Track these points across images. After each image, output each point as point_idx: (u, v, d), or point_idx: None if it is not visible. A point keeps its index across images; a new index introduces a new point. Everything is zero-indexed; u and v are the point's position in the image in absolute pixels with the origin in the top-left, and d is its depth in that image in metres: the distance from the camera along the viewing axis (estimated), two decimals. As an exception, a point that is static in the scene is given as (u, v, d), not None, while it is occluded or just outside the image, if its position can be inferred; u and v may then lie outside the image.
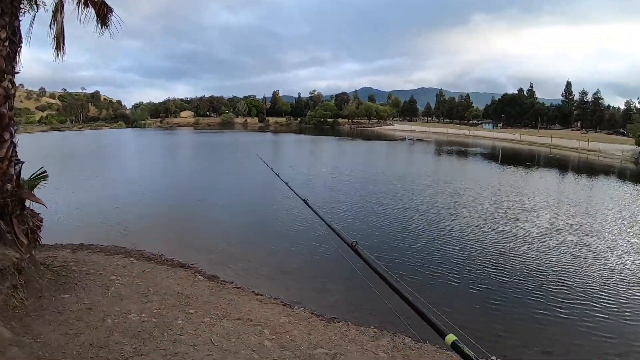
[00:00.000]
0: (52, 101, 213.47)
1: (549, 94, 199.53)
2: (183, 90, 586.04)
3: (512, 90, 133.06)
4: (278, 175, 6.20)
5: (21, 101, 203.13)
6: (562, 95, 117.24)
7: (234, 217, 14.97)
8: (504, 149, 54.64)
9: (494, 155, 44.57)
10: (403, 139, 70.70)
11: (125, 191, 19.75)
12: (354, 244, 2.28)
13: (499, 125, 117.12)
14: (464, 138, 79.00)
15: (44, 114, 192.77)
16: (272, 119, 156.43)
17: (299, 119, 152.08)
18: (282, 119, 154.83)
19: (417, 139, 69.85)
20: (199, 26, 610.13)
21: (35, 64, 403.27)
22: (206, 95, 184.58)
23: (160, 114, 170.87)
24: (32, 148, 37.88)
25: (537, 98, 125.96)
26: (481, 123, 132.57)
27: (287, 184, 5.18)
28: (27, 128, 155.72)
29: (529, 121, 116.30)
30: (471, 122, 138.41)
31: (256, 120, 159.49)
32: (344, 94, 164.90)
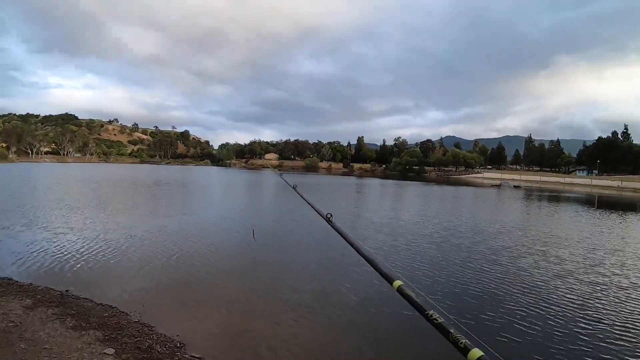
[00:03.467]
0: (144, 137, 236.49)
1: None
2: (268, 134, 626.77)
3: (599, 135, 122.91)
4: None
5: (115, 134, 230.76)
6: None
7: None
8: (620, 197, 42.35)
9: (615, 205, 35.97)
10: (499, 185, 68.79)
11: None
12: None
13: (594, 172, 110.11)
14: (561, 186, 74.16)
15: (135, 147, 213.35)
16: (356, 165, 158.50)
17: (383, 165, 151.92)
18: (367, 165, 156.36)
19: (515, 186, 68.10)
20: (284, 74, 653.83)
21: (132, 103, 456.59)
22: (291, 139, 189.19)
23: (246, 154, 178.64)
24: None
25: (632, 140, 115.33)
26: (574, 170, 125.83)
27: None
28: (118, 159, 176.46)
29: (626, 166, 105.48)
30: (562, 169, 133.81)
31: (340, 165, 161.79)
32: (429, 141, 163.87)
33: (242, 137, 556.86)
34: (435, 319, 1.24)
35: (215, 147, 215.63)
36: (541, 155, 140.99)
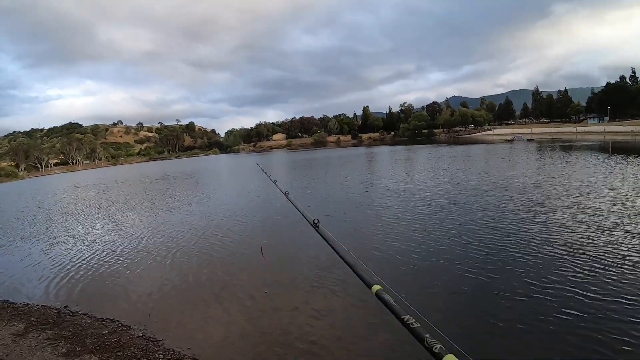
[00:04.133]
0: (150, 134, 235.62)
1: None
2: (273, 115, 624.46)
3: (607, 81, 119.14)
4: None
5: (120, 136, 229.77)
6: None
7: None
8: None
9: None
10: (511, 140, 67.33)
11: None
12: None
13: (605, 118, 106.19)
14: (573, 135, 71.40)
15: (143, 146, 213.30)
16: (365, 135, 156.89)
17: (392, 132, 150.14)
18: (375, 134, 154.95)
19: (528, 139, 66.65)
20: (282, 53, 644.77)
21: (133, 102, 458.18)
22: (297, 117, 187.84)
23: (253, 138, 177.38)
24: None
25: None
26: (585, 118, 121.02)
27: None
28: (127, 160, 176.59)
29: (638, 110, 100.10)
30: (573, 118, 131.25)
31: (349, 137, 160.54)
32: (435, 103, 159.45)
33: (248, 121, 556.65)
34: (411, 323, 1.27)
35: (222, 134, 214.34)
36: (550, 106, 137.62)
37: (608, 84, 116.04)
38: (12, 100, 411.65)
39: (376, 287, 1.39)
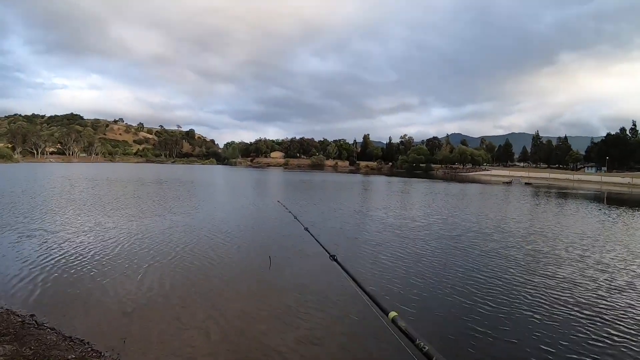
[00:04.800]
0: (149, 136, 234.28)
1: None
2: (273, 133, 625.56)
3: (606, 132, 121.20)
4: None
5: (120, 134, 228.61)
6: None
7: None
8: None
9: None
10: (509, 183, 67.35)
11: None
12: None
13: (602, 168, 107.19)
14: (570, 183, 72.44)
15: (141, 147, 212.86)
16: (362, 163, 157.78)
17: (390, 163, 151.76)
18: (373, 163, 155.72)
19: (525, 183, 67.23)
20: (289, 72, 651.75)
21: (137, 102, 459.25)
22: (297, 137, 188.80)
23: (251, 153, 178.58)
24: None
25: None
26: (583, 167, 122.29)
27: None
28: (123, 158, 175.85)
29: (636, 163, 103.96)
30: (571, 166, 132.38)
31: (347, 163, 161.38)
32: (435, 138, 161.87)
33: (247, 136, 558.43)
34: (423, 347, 1.38)
35: (221, 145, 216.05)
36: (549, 152, 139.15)
37: (608, 134, 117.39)
38: (17, 83, 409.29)
39: (392, 314, 1.46)
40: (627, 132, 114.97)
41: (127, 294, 7.66)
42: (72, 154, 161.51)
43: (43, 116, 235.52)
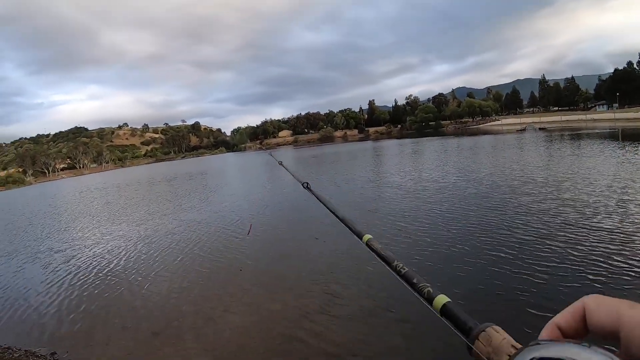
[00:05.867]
0: (156, 135, 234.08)
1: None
2: (278, 112, 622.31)
3: (614, 67, 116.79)
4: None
5: (126, 138, 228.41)
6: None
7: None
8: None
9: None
10: (523, 130, 65.04)
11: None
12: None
13: (614, 105, 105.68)
14: (584, 123, 69.38)
15: (149, 147, 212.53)
16: (371, 129, 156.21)
17: (399, 125, 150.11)
18: (382, 128, 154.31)
19: (539, 128, 64.96)
20: (285, 50, 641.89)
21: (138, 104, 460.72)
22: (302, 114, 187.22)
23: (259, 135, 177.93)
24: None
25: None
26: (594, 106, 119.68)
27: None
28: (134, 162, 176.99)
29: None
30: (581, 106, 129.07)
31: (355, 131, 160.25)
32: (441, 95, 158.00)
33: (253, 120, 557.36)
34: (400, 270, 1.23)
35: (228, 133, 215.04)
36: (557, 94, 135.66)
37: (616, 70, 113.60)
38: (17, 108, 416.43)
39: (366, 237, 1.37)
40: (635, 66, 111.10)
41: (150, 313, 7.14)
42: (83, 167, 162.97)
43: (48, 135, 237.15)
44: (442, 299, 0.86)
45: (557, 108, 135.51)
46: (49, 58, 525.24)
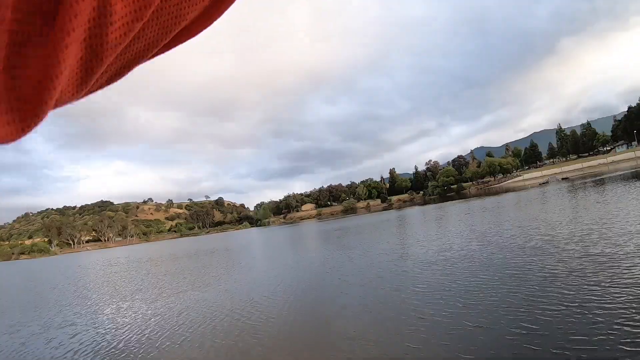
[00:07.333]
0: (180, 211, 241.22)
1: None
2: (300, 186, 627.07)
3: (628, 105, 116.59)
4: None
5: (151, 213, 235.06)
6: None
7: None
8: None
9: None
10: (546, 183, 64.82)
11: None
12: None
13: (633, 143, 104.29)
14: (605, 167, 69.26)
15: (173, 222, 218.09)
16: (394, 197, 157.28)
17: (421, 192, 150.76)
18: (404, 195, 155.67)
19: (563, 178, 64.43)
20: (305, 123, 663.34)
21: (162, 181, 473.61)
22: (324, 186, 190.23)
23: (283, 210, 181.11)
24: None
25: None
26: (613, 147, 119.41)
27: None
28: (158, 236, 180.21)
29: None
30: (601, 150, 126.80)
31: (378, 201, 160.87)
32: (460, 157, 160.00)
33: (275, 194, 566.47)
34: None
35: (251, 208, 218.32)
36: (575, 142, 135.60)
37: (629, 108, 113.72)
38: (46, 180, 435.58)
39: None
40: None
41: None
42: (108, 240, 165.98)
43: (74, 207, 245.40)
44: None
45: (576, 156, 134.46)
46: (76, 134, 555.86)
